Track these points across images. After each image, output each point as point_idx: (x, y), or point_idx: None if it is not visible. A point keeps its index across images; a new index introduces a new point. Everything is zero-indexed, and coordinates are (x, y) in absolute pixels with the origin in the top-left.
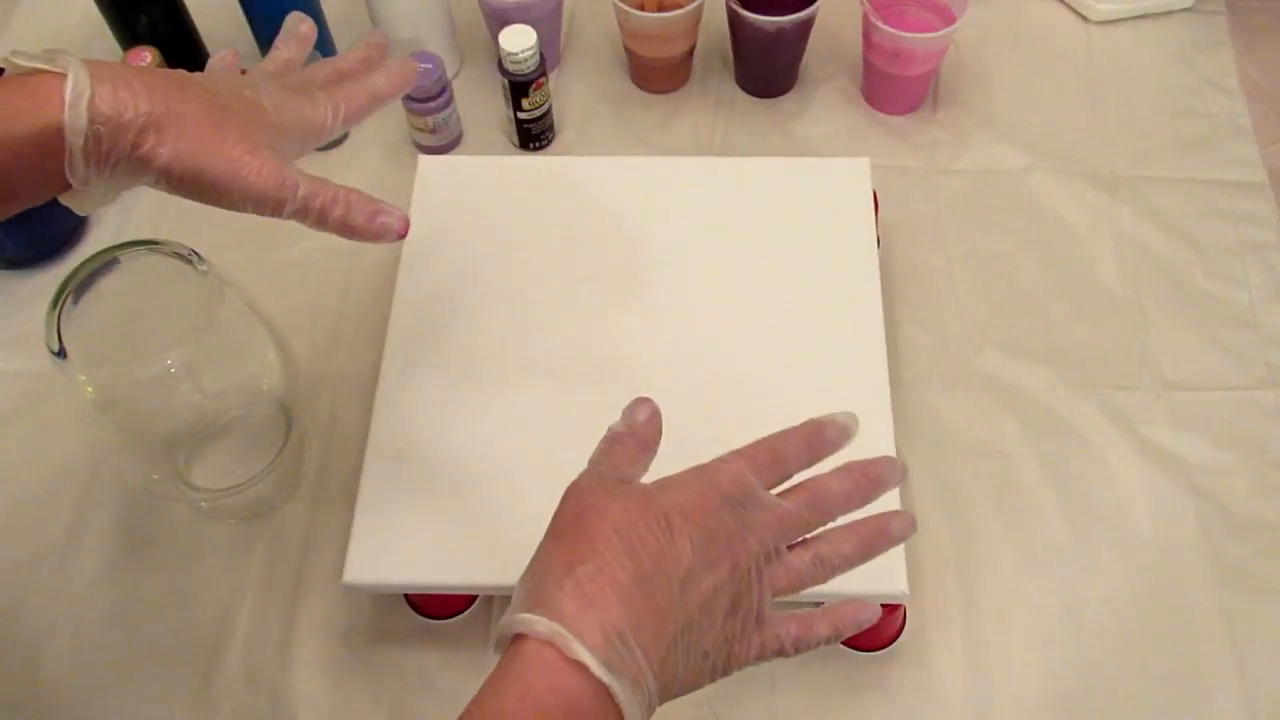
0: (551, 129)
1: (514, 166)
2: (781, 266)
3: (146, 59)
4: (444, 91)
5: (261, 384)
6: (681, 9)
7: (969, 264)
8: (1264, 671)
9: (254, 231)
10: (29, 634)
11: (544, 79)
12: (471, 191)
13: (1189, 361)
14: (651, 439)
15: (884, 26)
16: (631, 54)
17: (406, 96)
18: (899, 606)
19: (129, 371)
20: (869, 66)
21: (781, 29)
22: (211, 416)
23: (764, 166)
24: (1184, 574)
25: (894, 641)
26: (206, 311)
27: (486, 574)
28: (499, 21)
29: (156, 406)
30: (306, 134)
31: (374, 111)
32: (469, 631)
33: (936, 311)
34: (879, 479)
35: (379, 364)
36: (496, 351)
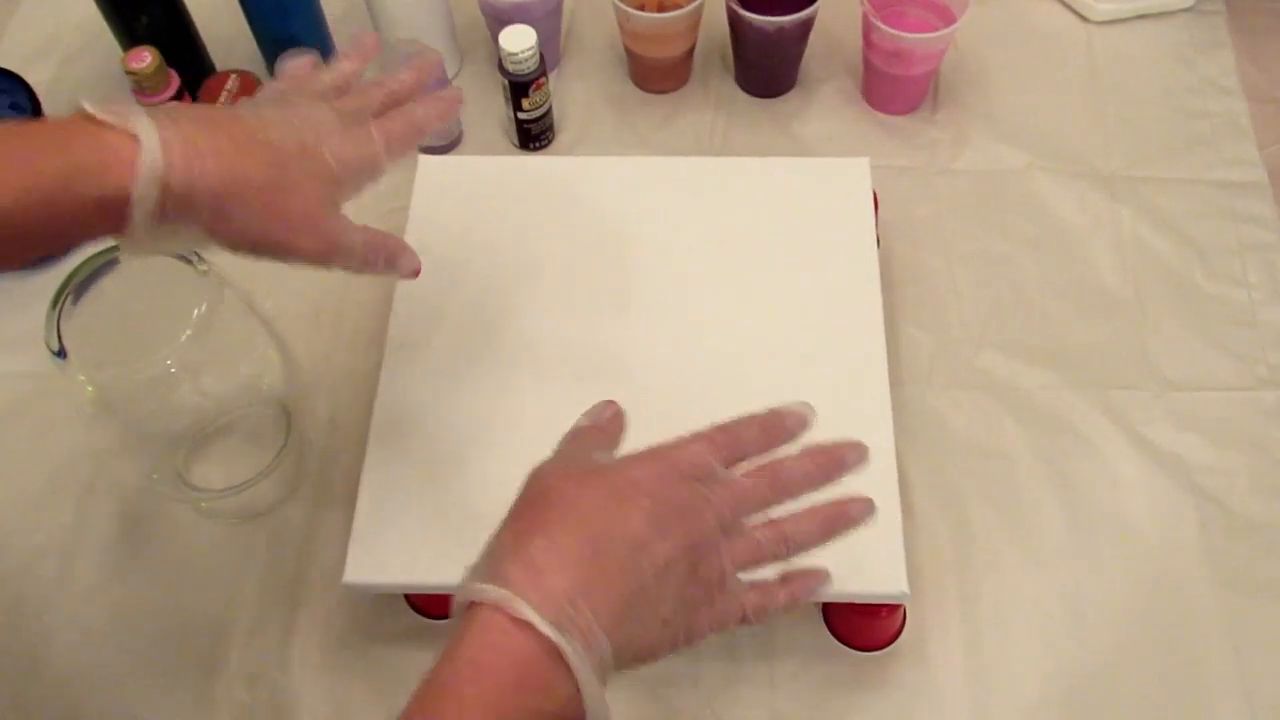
0: (551, 129)
1: (514, 166)
2: (781, 266)
3: (146, 59)
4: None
5: (261, 384)
6: (681, 9)
7: (969, 264)
8: (1264, 671)
9: None
10: (29, 634)
11: (544, 79)
12: (471, 191)
13: (1189, 361)
14: (615, 434)
15: (884, 26)
16: (631, 54)
17: None
18: (899, 606)
19: (129, 371)
20: (869, 66)
21: (781, 29)
22: (211, 416)
23: (764, 166)
24: (1184, 574)
25: (894, 641)
26: (206, 311)
27: None
28: (499, 21)
29: (156, 406)
30: (361, 177)
31: (416, 145)
32: None
33: (936, 311)
34: (841, 461)
35: (379, 364)
36: (496, 351)
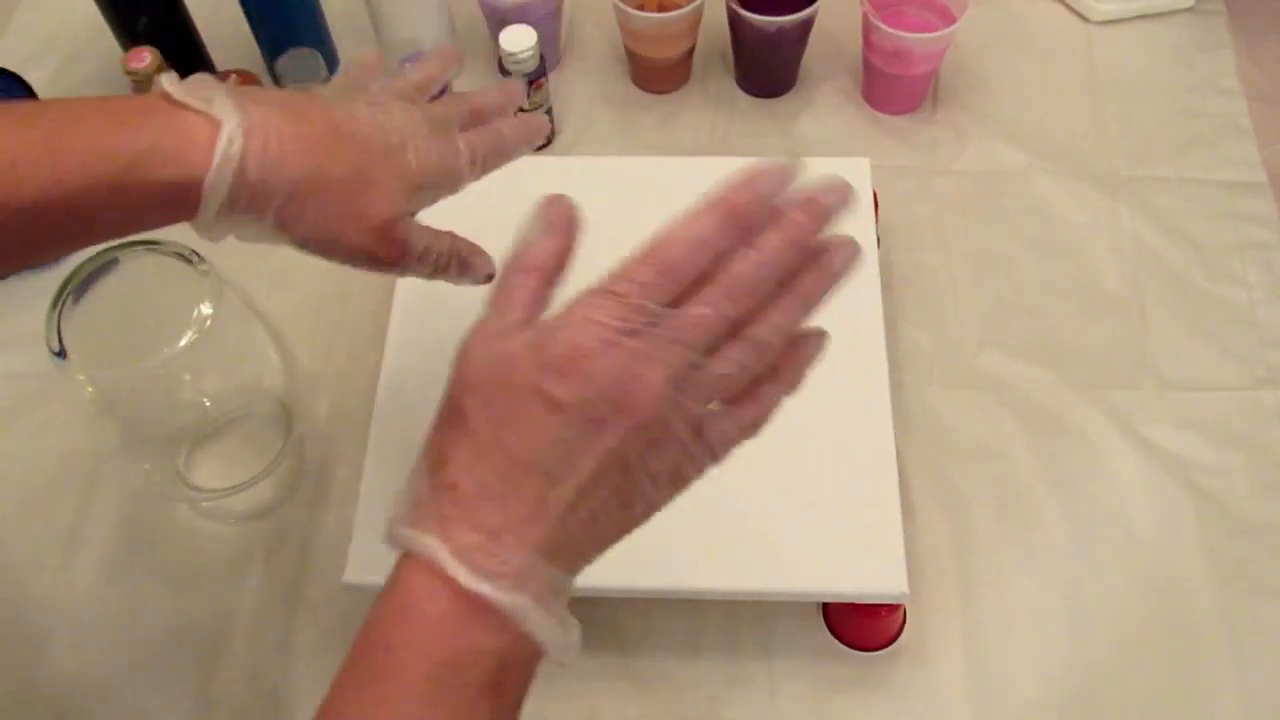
0: (551, 129)
1: (514, 166)
2: None
3: (146, 59)
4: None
5: (261, 384)
6: (681, 9)
7: (969, 264)
8: (1264, 671)
9: None
10: (29, 634)
11: (544, 79)
12: (472, 191)
13: (1189, 361)
14: (553, 267)
15: (884, 26)
16: (631, 54)
17: None
18: (899, 606)
19: (129, 371)
20: (869, 66)
21: (781, 29)
22: (211, 416)
23: None
24: (1184, 574)
25: (894, 641)
26: (206, 311)
27: None
28: (499, 21)
29: (156, 406)
30: (442, 185)
31: (499, 166)
32: None
33: (936, 311)
34: (825, 209)
35: (379, 364)
36: None
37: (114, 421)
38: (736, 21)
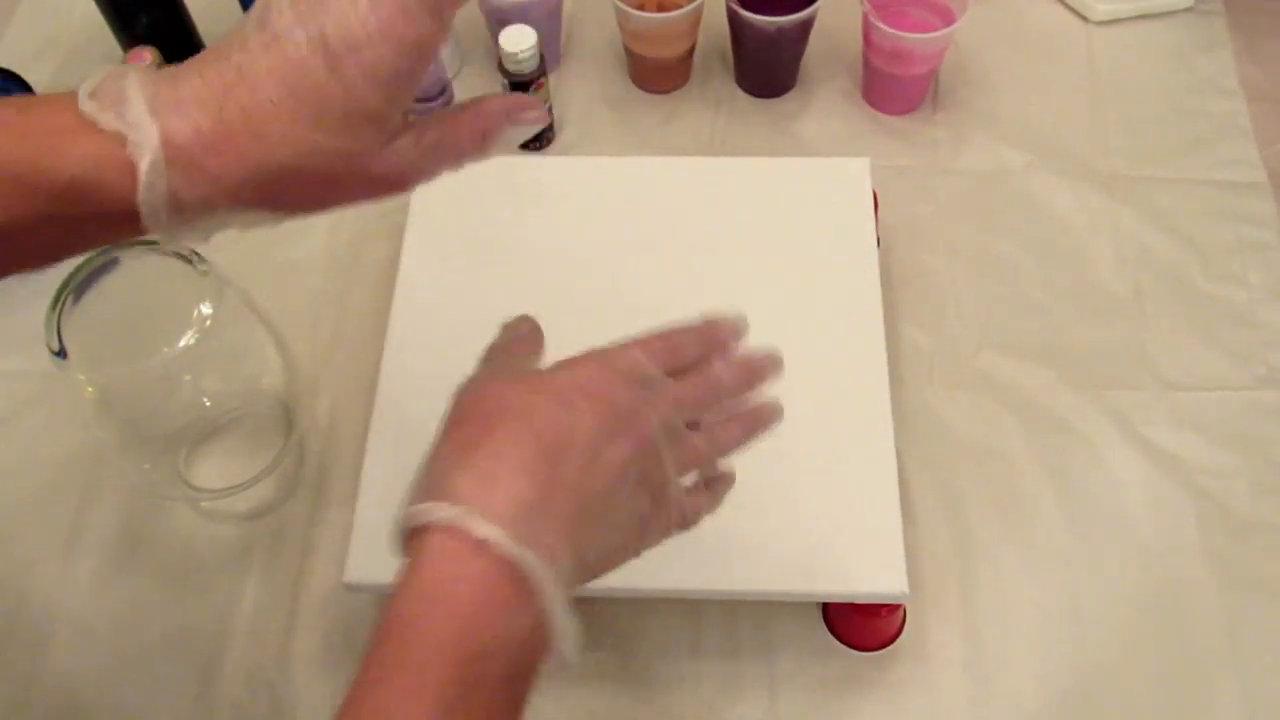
0: (551, 129)
1: (514, 166)
2: (781, 266)
3: (146, 59)
4: (444, 91)
5: (261, 384)
6: (681, 9)
7: (969, 264)
8: (1264, 671)
9: (254, 231)
10: (29, 634)
11: (544, 79)
12: (471, 191)
13: (1189, 361)
14: (536, 346)
15: (884, 26)
16: (631, 54)
17: None
18: (899, 606)
19: (129, 371)
20: (869, 66)
21: (781, 29)
22: (212, 416)
23: (764, 166)
24: (1184, 574)
25: (894, 641)
26: (206, 311)
27: None
28: (499, 21)
29: (156, 406)
30: (415, 59)
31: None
32: None
33: (936, 311)
34: (760, 371)
35: (379, 364)
36: None
37: (114, 421)
38: (736, 21)
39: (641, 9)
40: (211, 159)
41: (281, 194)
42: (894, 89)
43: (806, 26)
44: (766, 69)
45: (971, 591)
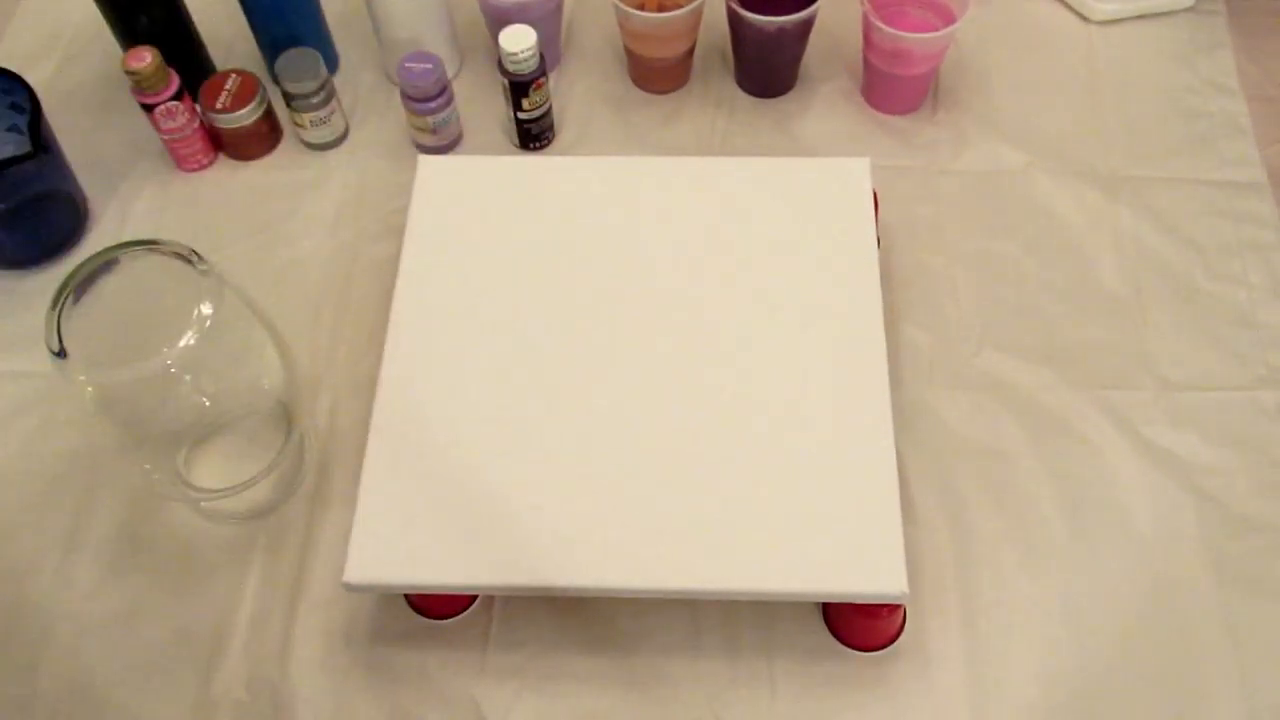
0: (551, 129)
1: (514, 166)
2: (781, 266)
3: (146, 59)
4: (444, 91)
5: (261, 384)
6: (681, 9)
7: (969, 264)
8: (1264, 671)
9: (254, 231)
10: (29, 634)
11: (544, 79)
12: (471, 191)
13: (1189, 361)
14: None
15: (884, 26)
16: (631, 54)
17: (406, 96)
18: (899, 606)
19: (129, 371)
20: (869, 66)
21: (781, 29)
22: (212, 416)
23: (764, 166)
24: (1184, 574)
25: (894, 641)
26: (206, 311)
27: (487, 574)
28: (499, 21)
29: (156, 406)
30: None
31: None
32: (469, 631)
33: (936, 311)
34: None
35: (379, 364)
36: (496, 351)
37: (114, 421)
38: (736, 21)
39: (641, 9)
40: None
41: None
42: (894, 89)
43: (806, 26)
44: (767, 69)
45: (971, 591)
